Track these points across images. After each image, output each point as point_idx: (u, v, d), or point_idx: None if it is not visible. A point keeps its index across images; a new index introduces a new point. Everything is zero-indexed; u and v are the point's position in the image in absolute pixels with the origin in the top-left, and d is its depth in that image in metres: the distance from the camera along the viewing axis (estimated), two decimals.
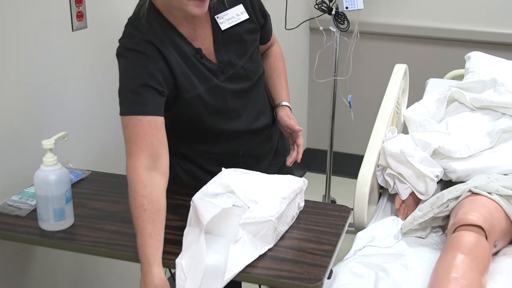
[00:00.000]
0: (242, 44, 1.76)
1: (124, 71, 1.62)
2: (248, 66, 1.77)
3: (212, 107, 1.72)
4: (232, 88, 1.75)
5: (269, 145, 1.94)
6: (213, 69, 1.71)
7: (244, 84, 1.78)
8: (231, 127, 1.79)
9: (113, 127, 2.24)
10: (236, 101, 1.77)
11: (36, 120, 1.87)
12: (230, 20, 1.72)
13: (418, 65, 3.40)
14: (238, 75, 1.75)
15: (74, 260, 2.11)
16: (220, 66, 1.72)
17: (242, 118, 1.80)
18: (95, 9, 2.04)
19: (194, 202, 1.50)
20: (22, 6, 1.76)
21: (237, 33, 1.74)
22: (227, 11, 1.72)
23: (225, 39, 1.73)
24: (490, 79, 2.32)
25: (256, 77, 1.81)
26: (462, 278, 1.54)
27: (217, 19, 1.71)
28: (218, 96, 1.72)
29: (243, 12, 1.74)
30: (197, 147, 1.82)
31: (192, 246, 1.45)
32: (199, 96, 1.69)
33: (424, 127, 2.20)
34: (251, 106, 1.82)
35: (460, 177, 2.02)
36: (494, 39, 3.43)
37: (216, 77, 1.71)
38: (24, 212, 1.65)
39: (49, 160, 1.54)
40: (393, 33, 3.65)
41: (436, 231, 1.88)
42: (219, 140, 1.81)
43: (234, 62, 1.74)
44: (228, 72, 1.73)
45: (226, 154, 1.83)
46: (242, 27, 1.74)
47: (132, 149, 1.55)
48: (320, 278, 1.38)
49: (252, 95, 1.81)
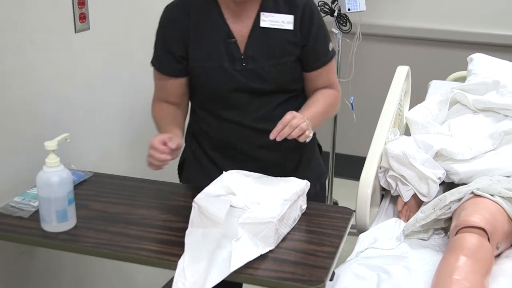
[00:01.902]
0: (274, 48, 1.78)
1: (158, 27, 1.84)
2: (270, 70, 1.78)
3: (211, 85, 1.79)
4: (243, 81, 1.78)
5: (277, 157, 1.87)
6: (234, 55, 1.77)
7: (258, 84, 1.79)
8: (227, 115, 1.82)
9: (115, 128, 2.25)
10: (241, 94, 1.79)
11: (38, 121, 1.87)
12: (272, 22, 1.77)
13: (421, 67, 3.40)
14: (256, 73, 1.78)
15: (76, 262, 2.11)
16: (243, 57, 1.77)
17: (242, 112, 1.81)
18: (98, 11, 2.04)
19: (197, 203, 1.50)
20: (26, 8, 1.76)
21: (273, 36, 1.77)
22: (275, 14, 1.77)
23: (260, 36, 1.77)
24: (492, 81, 2.32)
25: (275, 85, 1.80)
26: (465, 280, 1.54)
27: (262, 15, 1.77)
28: (222, 79, 1.77)
29: (289, 22, 1.78)
30: (202, 126, 1.89)
31: (194, 245, 1.45)
32: (203, 69, 1.78)
33: (426, 129, 2.20)
34: (258, 106, 1.81)
35: (463, 179, 2.01)
36: (496, 41, 3.43)
37: (232, 63, 1.77)
38: (27, 214, 1.65)
39: (51, 162, 1.54)
40: (396, 35, 3.65)
41: (438, 233, 1.88)
42: (216, 124, 1.85)
43: (257, 59, 1.77)
44: (247, 66, 1.77)
45: (223, 142, 1.86)
46: (281, 34, 1.78)
47: (156, 94, 1.89)
48: (322, 280, 1.38)
49: (264, 98, 1.81)
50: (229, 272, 1.38)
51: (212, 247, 1.42)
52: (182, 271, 1.40)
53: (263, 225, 1.46)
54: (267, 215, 1.47)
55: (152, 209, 1.69)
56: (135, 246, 1.51)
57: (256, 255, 1.43)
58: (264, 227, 1.46)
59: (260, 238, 1.46)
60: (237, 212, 1.49)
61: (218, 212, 1.44)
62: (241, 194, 1.54)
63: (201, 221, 1.49)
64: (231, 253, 1.41)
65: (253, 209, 1.50)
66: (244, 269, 1.40)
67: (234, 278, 1.39)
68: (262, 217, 1.47)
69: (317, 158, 2.02)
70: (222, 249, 1.43)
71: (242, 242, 1.44)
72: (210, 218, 1.46)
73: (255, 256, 1.43)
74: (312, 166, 1.98)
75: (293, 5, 1.79)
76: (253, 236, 1.46)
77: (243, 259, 1.40)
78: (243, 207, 1.51)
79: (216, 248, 1.42)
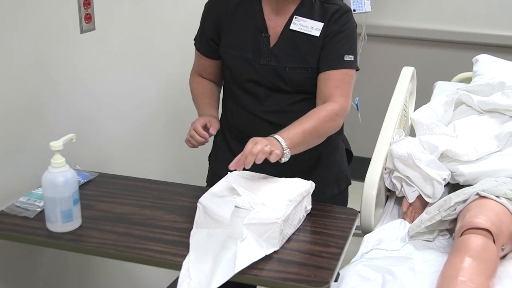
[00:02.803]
0: (299, 52, 1.81)
1: (204, 8, 1.93)
2: (290, 72, 1.81)
3: (233, 72, 1.88)
4: (263, 75, 1.83)
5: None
6: (261, 50, 1.82)
7: (277, 82, 1.83)
8: (245, 102, 1.88)
9: (121, 129, 2.25)
10: (259, 87, 1.85)
11: (44, 121, 1.87)
12: (301, 27, 1.81)
13: (426, 68, 3.40)
14: (277, 71, 1.82)
15: (81, 262, 2.11)
16: (269, 53, 1.81)
17: (258, 103, 1.86)
18: (103, 11, 2.04)
19: (202, 203, 1.50)
20: (31, 8, 1.76)
21: (300, 40, 1.81)
22: (307, 19, 1.81)
23: (288, 38, 1.82)
24: (498, 82, 2.31)
25: (292, 86, 1.83)
26: (470, 282, 1.53)
27: (294, 18, 1.82)
28: (244, 69, 1.84)
29: (318, 29, 1.80)
30: (227, 115, 1.97)
31: (199, 245, 1.45)
32: (228, 55, 1.87)
33: (431, 130, 2.19)
34: (274, 100, 1.85)
35: (468, 180, 2.01)
36: (502, 42, 3.42)
37: (257, 56, 1.82)
38: (32, 214, 1.66)
39: (57, 162, 1.54)
40: (401, 36, 3.65)
41: (443, 234, 1.88)
42: (235, 111, 1.93)
43: (281, 59, 1.81)
44: (270, 63, 1.82)
45: (240, 131, 1.91)
46: (307, 39, 1.80)
47: (194, 69, 2.02)
48: (327, 281, 1.38)
49: (281, 95, 1.84)
50: (233, 272, 1.38)
51: (217, 248, 1.42)
52: (187, 271, 1.40)
53: (268, 225, 1.46)
54: (272, 216, 1.47)
55: (157, 209, 1.69)
56: (140, 246, 1.51)
57: (261, 255, 1.43)
58: (269, 227, 1.46)
59: (265, 239, 1.46)
60: (242, 213, 1.49)
61: (223, 212, 1.44)
62: (246, 194, 1.54)
63: (206, 221, 1.49)
64: (236, 253, 1.41)
65: (258, 209, 1.50)
66: (249, 269, 1.40)
67: (239, 278, 1.39)
68: (267, 217, 1.47)
69: (339, 163, 2.00)
70: (227, 249, 1.43)
71: (247, 243, 1.44)
72: (215, 218, 1.46)
73: (260, 257, 1.43)
74: (331, 170, 1.97)
75: (326, 12, 1.81)
76: (258, 237, 1.46)
77: (248, 259, 1.40)
78: (248, 207, 1.51)
79: (221, 249, 1.42)
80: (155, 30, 2.38)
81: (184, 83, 2.06)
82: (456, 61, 3.42)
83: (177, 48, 2.52)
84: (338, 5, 1.83)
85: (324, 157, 1.94)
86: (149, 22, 2.33)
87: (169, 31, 2.47)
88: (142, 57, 2.31)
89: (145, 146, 2.42)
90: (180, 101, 2.54)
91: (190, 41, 1.99)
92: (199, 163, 2.24)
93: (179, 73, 2.52)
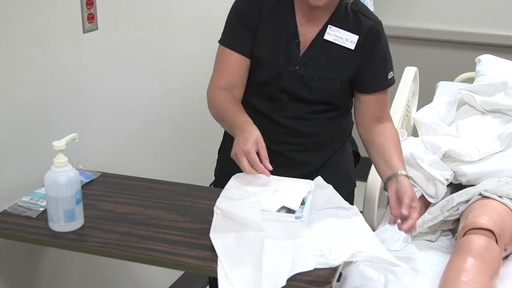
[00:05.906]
0: (330, 63, 1.78)
1: (233, 6, 1.84)
2: (319, 82, 1.78)
3: (263, 76, 1.80)
4: (289, 83, 1.78)
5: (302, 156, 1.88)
6: (291, 56, 1.78)
7: (303, 91, 1.79)
8: (264, 106, 1.83)
9: (123, 128, 2.25)
10: (282, 94, 1.81)
11: (47, 121, 1.88)
12: (336, 38, 1.77)
13: (428, 68, 3.40)
14: (304, 80, 1.78)
15: (84, 261, 2.12)
16: (299, 60, 1.77)
17: (278, 108, 1.82)
18: (106, 11, 2.04)
19: (220, 208, 1.47)
20: (34, 8, 1.77)
21: (333, 51, 1.77)
22: (342, 30, 1.77)
23: (320, 47, 1.77)
24: (500, 82, 2.31)
25: (318, 96, 1.80)
26: (472, 282, 1.53)
27: (328, 28, 1.77)
28: (274, 75, 1.79)
29: (352, 41, 1.77)
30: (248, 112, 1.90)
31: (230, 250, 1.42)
32: (262, 57, 1.79)
33: (434, 130, 2.19)
34: (293, 108, 1.82)
35: (470, 180, 2.01)
36: (505, 42, 3.41)
37: (287, 62, 1.77)
38: (35, 213, 1.66)
39: (59, 162, 1.54)
40: (403, 36, 3.65)
41: (446, 235, 1.88)
42: (256, 115, 1.80)
43: (310, 68, 1.77)
44: (299, 70, 1.77)
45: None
46: (341, 51, 1.77)
47: (216, 74, 1.84)
48: (330, 280, 1.38)
49: (301, 104, 1.81)
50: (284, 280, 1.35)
51: (254, 252, 1.38)
52: (226, 278, 1.36)
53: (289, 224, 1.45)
54: (291, 216, 1.47)
55: (159, 209, 1.69)
56: (142, 246, 1.51)
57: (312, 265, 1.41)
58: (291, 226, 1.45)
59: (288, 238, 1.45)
60: (265, 214, 1.46)
61: (252, 217, 1.41)
62: (264, 195, 1.53)
63: (229, 226, 1.45)
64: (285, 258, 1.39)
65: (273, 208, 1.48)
66: None
67: None
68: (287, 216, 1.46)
69: (347, 165, 1.99)
70: (273, 253, 1.41)
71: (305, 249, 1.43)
72: (241, 222, 1.42)
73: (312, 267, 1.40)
74: (339, 172, 1.95)
75: (361, 26, 1.77)
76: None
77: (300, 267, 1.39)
78: (269, 208, 1.49)
79: (261, 252, 1.38)
80: (158, 30, 2.38)
81: (187, 83, 2.05)
82: (459, 61, 3.42)
83: (180, 48, 2.52)
84: (373, 20, 1.80)
85: (332, 159, 1.93)
86: (152, 22, 2.33)
87: (172, 31, 2.47)
88: (145, 57, 2.31)
89: (148, 146, 2.42)
90: (183, 101, 2.54)
91: (193, 41, 1.99)
92: (201, 163, 2.24)
93: (182, 72, 2.52)
